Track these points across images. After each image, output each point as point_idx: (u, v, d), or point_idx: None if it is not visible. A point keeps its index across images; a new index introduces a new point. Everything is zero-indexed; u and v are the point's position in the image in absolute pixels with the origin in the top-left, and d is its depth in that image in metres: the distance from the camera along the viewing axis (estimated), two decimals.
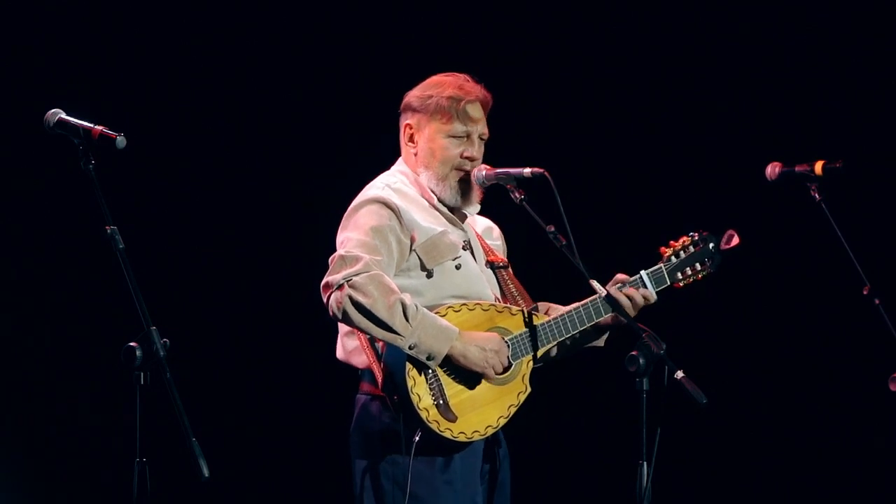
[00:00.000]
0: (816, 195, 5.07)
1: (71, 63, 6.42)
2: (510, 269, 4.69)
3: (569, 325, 4.49)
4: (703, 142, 6.90)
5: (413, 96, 4.58)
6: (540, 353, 4.47)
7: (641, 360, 4.10)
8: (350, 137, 6.62)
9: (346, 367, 4.48)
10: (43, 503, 6.53)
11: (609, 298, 4.38)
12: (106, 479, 6.37)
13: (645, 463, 4.11)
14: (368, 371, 4.41)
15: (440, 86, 4.56)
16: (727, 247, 4.61)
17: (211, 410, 6.31)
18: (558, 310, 4.58)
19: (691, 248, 4.61)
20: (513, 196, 4.46)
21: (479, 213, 4.67)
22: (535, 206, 4.39)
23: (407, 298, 4.29)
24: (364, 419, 4.43)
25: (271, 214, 6.74)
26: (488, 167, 4.54)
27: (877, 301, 5.03)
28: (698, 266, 4.61)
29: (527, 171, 4.47)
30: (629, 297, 4.47)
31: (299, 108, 6.77)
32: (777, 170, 5.11)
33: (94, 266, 6.28)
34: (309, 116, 6.77)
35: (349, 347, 4.46)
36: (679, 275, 4.59)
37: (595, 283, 4.37)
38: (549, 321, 4.48)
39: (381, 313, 4.25)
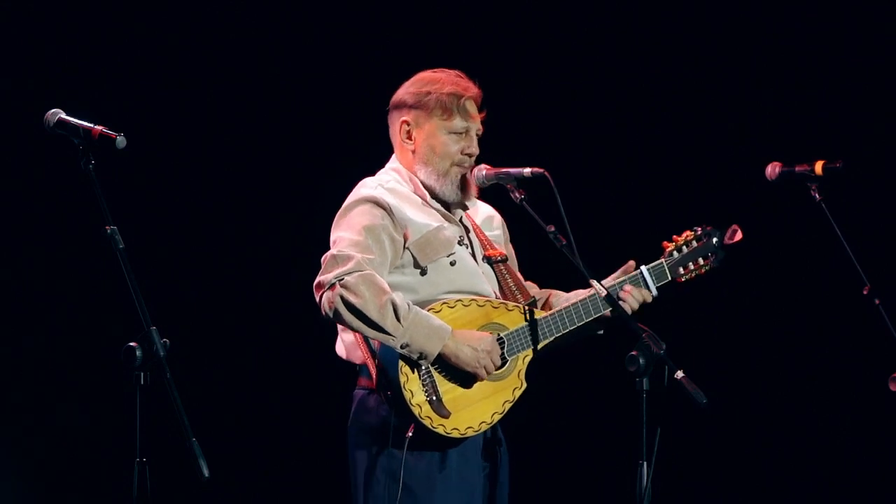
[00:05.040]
0: (816, 195, 5.07)
1: (71, 63, 6.42)
2: (509, 263, 4.68)
3: (566, 320, 4.48)
4: (703, 142, 6.90)
5: (407, 93, 4.57)
6: (538, 348, 4.46)
7: (641, 360, 4.09)
8: (347, 138, 6.62)
9: (345, 364, 4.49)
10: (43, 503, 6.53)
11: (609, 298, 4.38)
12: (106, 479, 6.36)
13: (645, 463, 4.11)
14: (365, 366, 4.41)
15: (437, 82, 4.55)
16: (731, 242, 4.61)
17: (211, 410, 6.31)
18: (559, 297, 4.59)
19: (694, 243, 4.61)
20: (513, 196, 4.46)
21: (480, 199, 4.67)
22: (535, 206, 4.39)
23: (398, 298, 4.29)
24: (361, 413, 4.43)
25: (271, 214, 6.73)
26: (488, 167, 4.54)
27: (877, 301, 5.02)
28: (701, 261, 4.60)
29: (527, 171, 4.47)
30: (626, 298, 4.47)
31: (298, 109, 6.76)
32: (777, 170, 5.11)
33: (94, 266, 6.28)
34: (307, 117, 6.76)
35: (347, 343, 4.47)
36: (681, 269, 4.58)
37: (595, 283, 4.36)
38: (547, 316, 4.47)
39: (372, 313, 4.25)
